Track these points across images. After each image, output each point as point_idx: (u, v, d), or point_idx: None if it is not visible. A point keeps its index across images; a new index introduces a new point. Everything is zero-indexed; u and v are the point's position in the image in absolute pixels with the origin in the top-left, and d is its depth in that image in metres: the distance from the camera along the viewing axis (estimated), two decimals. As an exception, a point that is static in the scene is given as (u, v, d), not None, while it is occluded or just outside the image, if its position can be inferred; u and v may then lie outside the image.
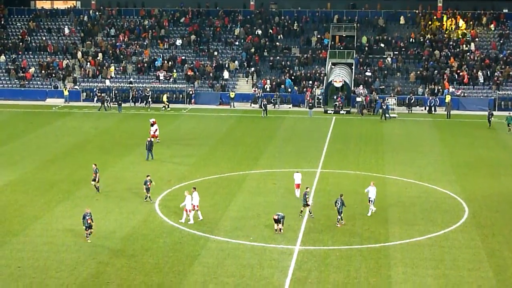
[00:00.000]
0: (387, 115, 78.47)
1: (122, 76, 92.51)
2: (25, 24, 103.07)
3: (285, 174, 53.81)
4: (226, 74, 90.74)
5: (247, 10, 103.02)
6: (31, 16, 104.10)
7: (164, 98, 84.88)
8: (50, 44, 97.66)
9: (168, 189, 50.65)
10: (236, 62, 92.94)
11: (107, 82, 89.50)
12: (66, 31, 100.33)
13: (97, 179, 49.05)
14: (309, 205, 44.61)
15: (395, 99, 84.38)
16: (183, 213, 43.77)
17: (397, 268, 37.04)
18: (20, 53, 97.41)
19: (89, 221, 39.99)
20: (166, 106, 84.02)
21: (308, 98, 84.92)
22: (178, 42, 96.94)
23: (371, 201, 45.39)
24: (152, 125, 64.55)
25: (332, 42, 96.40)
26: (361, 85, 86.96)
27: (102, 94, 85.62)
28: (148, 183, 47.53)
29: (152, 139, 61.25)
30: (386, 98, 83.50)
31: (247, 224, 43.70)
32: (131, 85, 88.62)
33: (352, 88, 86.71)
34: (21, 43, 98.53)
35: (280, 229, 41.79)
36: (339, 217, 43.34)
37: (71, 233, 41.93)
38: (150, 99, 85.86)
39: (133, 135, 69.75)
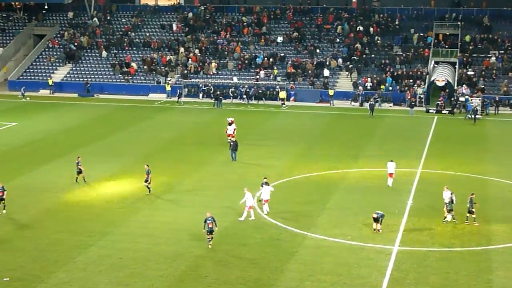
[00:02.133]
0: (475, 116, 75.90)
1: (223, 73, 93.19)
2: (129, 20, 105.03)
3: (384, 173, 53.18)
4: (326, 72, 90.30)
5: (349, 8, 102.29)
6: (135, 12, 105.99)
7: (281, 95, 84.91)
8: (154, 40, 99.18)
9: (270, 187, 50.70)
10: (340, 60, 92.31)
11: (235, 79, 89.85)
12: (174, 27, 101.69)
13: (149, 180, 48.52)
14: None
15: (480, 99, 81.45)
16: (250, 212, 43.71)
17: (498, 272, 36.12)
18: (126, 48, 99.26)
19: (210, 226, 38.92)
20: (283, 104, 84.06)
21: (409, 97, 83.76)
22: (279, 39, 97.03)
23: (448, 206, 43.75)
24: (230, 124, 63.54)
25: (435, 40, 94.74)
26: (464, 85, 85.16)
27: (218, 91, 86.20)
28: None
29: (230, 139, 61.28)
30: (471, 98, 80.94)
31: (345, 222, 43.39)
32: (235, 81, 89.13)
33: (455, 87, 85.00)
34: (125, 39, 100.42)
35: (379, 229, 41.34)
36: (473, 216, 42.57)
37: (170, 226, 42.50)
38: (245, 96, 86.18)
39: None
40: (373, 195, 48.76)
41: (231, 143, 58.57)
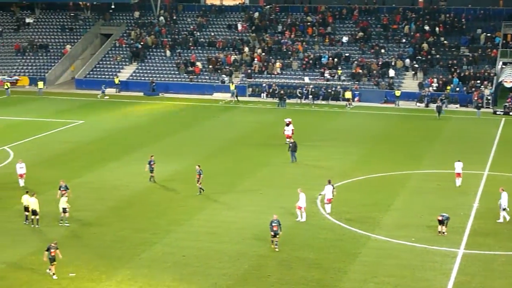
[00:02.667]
0: None
1: (287, 72, 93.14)
2: (195, 19, 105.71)
3: (450, 175, 52.51)
4: (391, 72, 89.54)
5: (416, 7, 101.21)
6: (200, 12, 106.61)
7: (347, 95, 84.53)
8: (219, 40, 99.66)
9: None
10: (407, 60, 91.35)
11: (306, 79, 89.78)
12: (239, 27, 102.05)
13: (200, 181, 48.45)
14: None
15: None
16: (297, 212, 43.50)
17: None
18: (192, 47, 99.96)
19: (275, 228, 38.64)
20: (349, 104, 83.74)
21: (476, 98, 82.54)
22: (345, 39, 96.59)
23: (503, 208, 43.19)
24: (287, 125, 63.39)
25: (504, 41, 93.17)
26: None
27: (281, 91, 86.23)
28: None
29: (288, 140, 61.11)
30: None
31: (409, 224, 42.99)
32: (306, 81, 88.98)
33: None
34: (190, 38, 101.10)
35: (444, 231, 40.84)
36: None
37: (233, 225, 42.65)
38: (311, 95, 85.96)
39: (295, 131, 70.09)
40: (438, 197, 48.16)
41: (290, 144, 58.26)
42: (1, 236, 41.26)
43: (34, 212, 42.49)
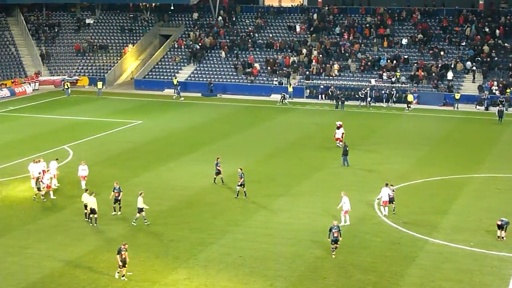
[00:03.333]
0: None
1: (345, 74, 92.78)
2: (253, 21, 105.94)
3: (510, 180, 51.78)
4: (450, 75, 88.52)
5: (476, 10, 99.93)
6: (258, 14, 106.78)
7: (409, 98, 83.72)
8: (277, 41, 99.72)
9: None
10: (468, 63, 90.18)
11: (373, 82, 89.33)
12: (298, 28, 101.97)
13: (241, 183, 48.02)
14: None
15: None
16: (341, 216, 43.14)
17: None
18: (250, 49, 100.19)
19: (335, 235, 38.13)
20: (409, 107, 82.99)
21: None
22: (404, 41, 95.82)
23: None
24: (338, 128, 62.89)
25: None
26: None
27: (338, 92, 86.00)
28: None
29: (338, 143, 61.17)
30: None
31: (468, 228, 42.50)
32: (373, 84, 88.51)
33: None
34: (248, 39, 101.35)
35: (503, 236, 40.27)
36: None
37: (289, 227, 42.65)
38: (369, 98, 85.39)
39: (354, 133, 69.91)
40: (498, 201, 47.46)
41: (343, 148, 57.57)
42: (60, 234, 41.90)
43: (93, 211, 43.07)
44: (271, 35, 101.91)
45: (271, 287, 34.42)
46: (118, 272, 35.35)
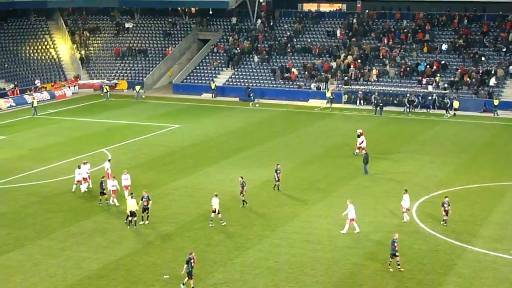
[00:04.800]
0: None
1: (384, 80, 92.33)
2: (291, 25, 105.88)
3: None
4: (492, 81, 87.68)
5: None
6: (297, 18, 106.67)
7: (455, 105, 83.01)
8: (315, 46, 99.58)
9: (426, 196, 49.85)
10: (510, 68, 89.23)
11: (430, 88, 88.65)
12: (338, 33, 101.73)
13: (243, 193, 47.59)
14: None
15: None
16: (346, 224, 42.76)
17: None
18: (289, 53, 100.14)
19: (396, 248, 37.08)
20: (454, 113, 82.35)
21: None
22: (444, 46, 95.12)
23: None
24: (359, 136, 62.07)
25: None
26: None
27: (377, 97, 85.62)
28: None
29: (358, 151, 60.74)
30: None
31: (508, 236, 42.02)
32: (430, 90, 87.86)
33: None
34: (288, 44, 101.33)
35: (543, 245, 39.81)
36: None
37: (327, 233, 42.52)
38: (409, 104, 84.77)
39: (393, 139, 69.57)
40: (538, 210, 46.96)
41: (364, 155, 56.78)
42: (99, 236, 42.19)
43: (132, 214, 43.29)
44: (309, 40, 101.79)
45: (308, 293, 34.35)
46: (183, 284, 34.84)
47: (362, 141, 61.78)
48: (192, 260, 34.54)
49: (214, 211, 44.06)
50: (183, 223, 44.52)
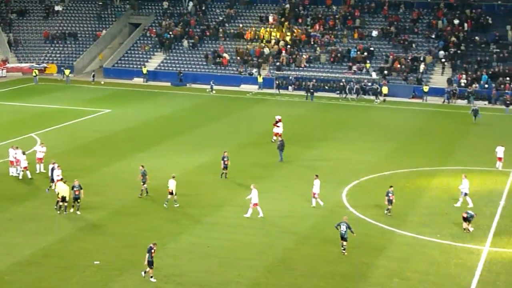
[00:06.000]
0: None
1: (315, 66, 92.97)
2: (224, 10, 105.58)
3: (477, 172, 52.39)
4: (422, 67, 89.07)
5: (446, 3, 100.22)
6: (229, 3, 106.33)
7: (384, 90, 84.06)
8: (247, 32, 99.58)
9: (356, 180, 50.53)
10: (441, 52, 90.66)
11: (374, 75, 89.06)
12: (270, 19, 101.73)
13: (145, 182, 46.52)
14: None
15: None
16: (250, 208, 42.98)
17: None
18: (222, 38, 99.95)
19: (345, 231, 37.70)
20: (384, 99, 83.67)
21: (505, 95, 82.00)
22: (374, 33, 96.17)
23: (465, 194, 44.85)
24: (277, 122, 61.68)
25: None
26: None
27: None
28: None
29: (275, 138, 60.01)
30: None
31: (436, 221, 42.92)
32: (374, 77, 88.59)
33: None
34: (220, 29, 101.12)
35: (469, 228, 40.72)
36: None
37: (259, 218, 42.67)
38: (347, 90, 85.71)
39: (323, 124, 70.26)
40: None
41: (278, 143, 56.63)
42: (30, 222, 41.64)
43: (63, 199, 42.87)
44: (241, 25, 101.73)
45: (240, 277, 34.47)
46: (144, 272, 34.42)
47: (279, 127, 60.91)
48: (153, 250, 34.11)
49: (171, 193, 44.17)
50: (116, 208, 44.26)
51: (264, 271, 35.37)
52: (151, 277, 34.09)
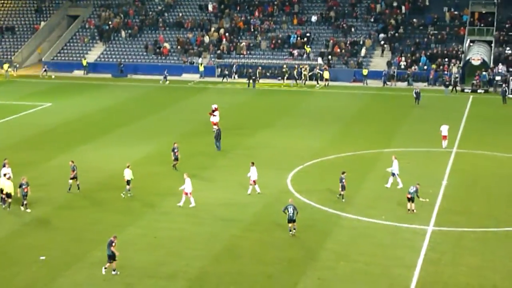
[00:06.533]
0: (504, 95, 74.66)
1: (256, 52, 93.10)
2: (162, 0, 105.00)
3: (419, 154, 53.07)
4: (363, 52, 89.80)
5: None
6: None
7: (325, 75, 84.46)
8: (187, 21, 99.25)
9: (300, 166, 50.79)
10: (382, 35, 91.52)
11: (319, 60, 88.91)
12: (210, 7, 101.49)
13: (74, 176, 45.66)
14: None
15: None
16: (182, 197, 43.10)
17: (535, 253, 35.93)
18: (162, 28, 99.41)
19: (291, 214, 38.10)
20: (326, 84, 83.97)
21: (444, 76, 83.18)
22: (313, 18, 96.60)
23: (394, 174, 45.72)
24: (213, 111, 60.93)
25: (471, 19, 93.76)
26: (500, 64, 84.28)
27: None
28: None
29: (215, 127, 58.58)
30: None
31: (380, 203, 43.36)
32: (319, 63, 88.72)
33: (491, 66, 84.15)
34: (159, 19, 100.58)
35: (413, 209, 41.26)
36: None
37: (206, 207, 42.69)
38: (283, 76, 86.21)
39: (266, 111, 70.45)
40: (408, 175, 48.35)
41: (215, 131, 56.21)
42: (-28, 220, 41.04)
43: (8, 195, 42.31)
44: (181, 14, 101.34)
45: (187, 267, 34.43)
46: (105, 268, 33.87)
47: (216, 116, 60.25)
48: (113, 244, 33.66)
49: (128, 182, 44.10)
50: (60, 203, 43.80)
51: (211, 259, 35.36)
52: (114, 270, 33.75)
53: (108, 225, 39.75)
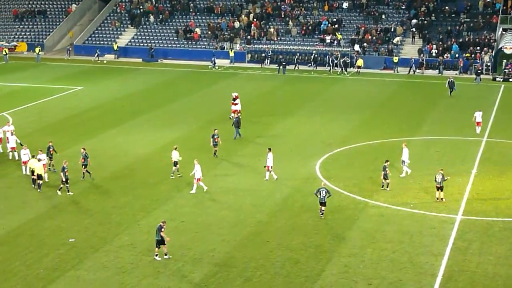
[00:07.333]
0: None
1: (287, 38, 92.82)
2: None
3: (448, 142, 52.69)
4: (396, 39, 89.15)
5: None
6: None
7: (359, 63, 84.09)
8: (218, 6, 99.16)
9: (329, 152, 50.64)
10: (414, 20, 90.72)
11: (357, 47, 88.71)
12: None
13: (87, 164, 45.23)
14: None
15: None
16: (194, 184, 42.90)
17: None
18: (193, 13, 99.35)
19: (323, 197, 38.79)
20: (358, 71, 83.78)
21: (476, 65, 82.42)
22: (345, 5, 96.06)
23: (404, 163, 45.53)
24: (234, 99, 59.90)
25: (504, 7, 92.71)
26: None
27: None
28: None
29: (233, 115, 58.05)
30: None
31: (408, 190, 43.13)
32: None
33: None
34: (190, 4, 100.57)
35: (442, 198, 41.01)
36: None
37: (232, 192, 42.77)
38: (313, 62, 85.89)
39: (295, 97, 70.30)
40: (437, 163, 48.06)
41: (235, 120, 55.47)
42: (1, 202, 41.35)
43: (39, 177, 42.65)
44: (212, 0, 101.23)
45: (214, 251, 34.50)
46: (156, 254, 33.78)
47: (237, 104, 59.41)
48: (162, 229, 33.58)
49: (175, 164, 44.38)
50: (89, 186, 44.08)
51: (238, 244, 35.42)
52: (165, 254, 33.73)
53: (135, 209, 39.98)
